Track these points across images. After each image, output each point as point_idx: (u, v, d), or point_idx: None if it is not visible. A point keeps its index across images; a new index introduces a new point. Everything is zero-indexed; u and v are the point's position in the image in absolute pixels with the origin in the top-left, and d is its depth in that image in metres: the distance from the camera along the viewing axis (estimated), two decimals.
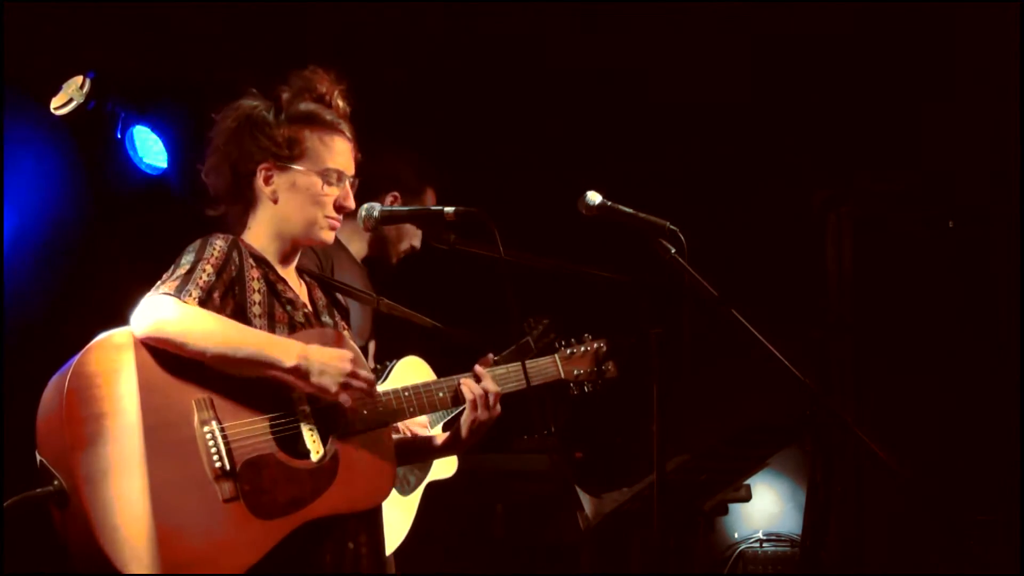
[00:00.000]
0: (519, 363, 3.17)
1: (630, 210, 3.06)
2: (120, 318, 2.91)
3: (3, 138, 4.58)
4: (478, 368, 3.15)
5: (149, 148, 5.09)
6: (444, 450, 3.29)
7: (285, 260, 3.12)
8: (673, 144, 5.69)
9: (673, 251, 3.01)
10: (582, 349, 3.41)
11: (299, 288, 3.15)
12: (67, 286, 4.93)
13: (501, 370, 3.20)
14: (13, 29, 4.50)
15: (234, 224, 3.12)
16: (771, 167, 5.57)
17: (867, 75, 5.36)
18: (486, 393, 3.11)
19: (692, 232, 3.01)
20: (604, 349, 3.40)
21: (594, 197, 3.09)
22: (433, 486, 4.10)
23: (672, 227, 3.02)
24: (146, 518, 2.68)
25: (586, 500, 4.01)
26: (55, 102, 4.73)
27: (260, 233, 3.09)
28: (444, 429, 3.42)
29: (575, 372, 3.39)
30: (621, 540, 5.14)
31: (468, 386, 3.12)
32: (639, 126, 5.65)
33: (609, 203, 3.08)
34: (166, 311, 2.81)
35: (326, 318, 3.17)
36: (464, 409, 3.16)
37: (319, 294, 3.23)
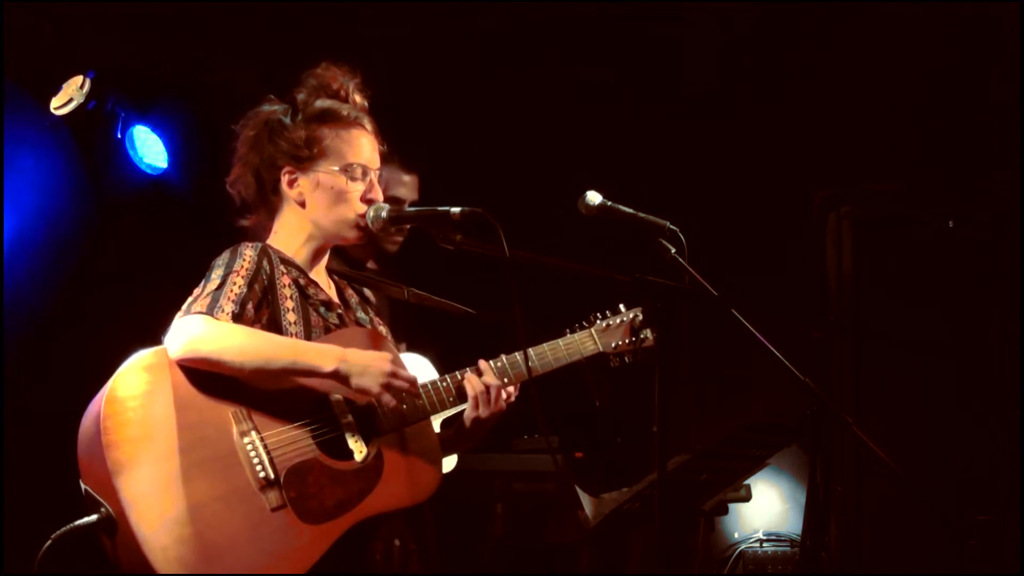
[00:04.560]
0: (553, 344, 3.14)
1: (630, 210, 3.06)
2: (118, 319, 2.91)
3: (3, 138, 4.58)
4: (481, 363, 3.10)
5: (149, 148, 5.08)
6: (447, 448, 3.24)
7: (315, 261, 3.11)
8: (673, 144, 5.69)
9: (673, 251, 3.01)
10: (618, 320, 3.28)
11: (330, 289, 3.15)
12: (67, 286, 4.93)
13: (533, 352, 3.13)
14: (13, 29, 4.50)
15: (261, 231, 3.12)
16: (771, 167, 5.57)
17: (868, 75, 5.36)
18: (487, 388, 3.06)
19: (692, 232, 3.01)
20: (640, 318, 3.27)
21: (594, 197, 3.09)
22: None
23: (672, 227, 3.02)
24: (195, 536, 2.67)
25: (586, 500, 4.00)
26: (55, 102, 4.73)
27: (289, 237, 3.09)
28: (444, 426, 3.40)
29: (613, 344, 3.26)
30: (621, 540, 5.14)
31: (470, 381, 3.07)
32: (639, 126, 5.65)
33: (609, 203, 3.08)
34: (200, 330, 2.80)
35: (361, 314, 3.17)
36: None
37: (350, 292, 3.23)
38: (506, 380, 3.11)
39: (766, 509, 5.73)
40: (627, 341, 3.26)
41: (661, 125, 5.64)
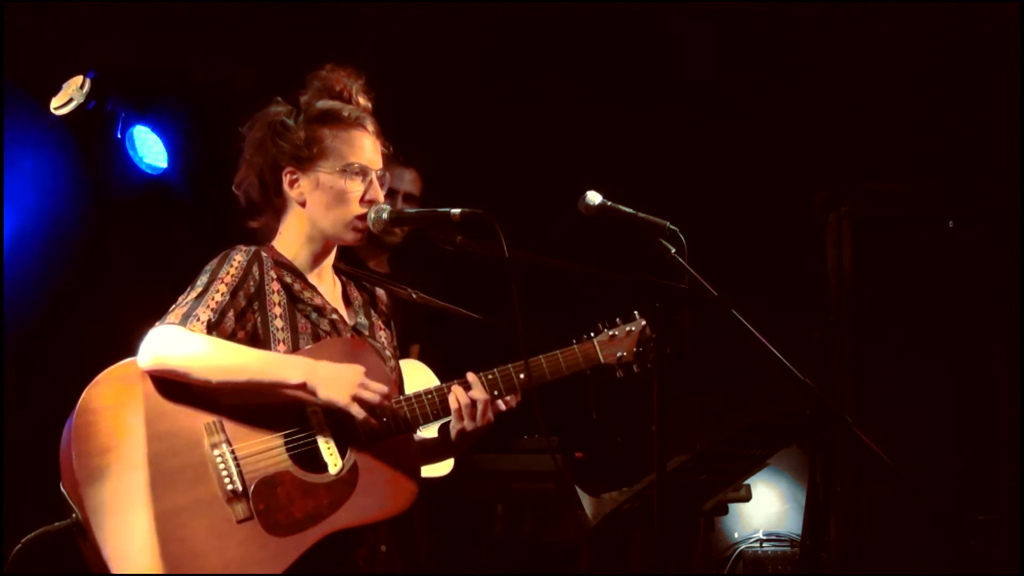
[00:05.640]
0: (551, 356, 3.09)
1: (630, 210, 3.06)
2: (118, 319, 2.91)
3: (3, 138, 4.58)
4: (470, 376, 3.06)
5: (149, 148, 5.09)
6: (431, 456, 3.23)
7: (316, 262, 3.11)
8: (673, 144, 5.68)
9: (673, 251, 3.01)
10: (627, 329, 3.17)
11: (332, 290, 3.14)
12: (67, 286, 4.93)
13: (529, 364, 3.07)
14: (13, 29, 4.50)
15: (269, 232, 3.12)
16: (771, 167, 5.57)
17: (868, 75, 5.36)
18: (473, 402, 3.02)
19: (692, 232, 3.01)
20: (648, 329, 3.16)
21: (594, 197, 3.09)
22: (432, 484, 4.09)
23: (672, 227, 3.02)
24: (157, 546, 2.69)
25: (586, 500, 4.00)
26: (55, 102, 4.73)
27: (291, 238, 3.09)
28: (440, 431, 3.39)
29: (618, 354, 3.14)
30: (621, 540, 5.14)
31: (456, 394, 3.02)
32: (639, 126, 5.65)
33: (609, 203, 3.07)
34: (168, 342, 2.82)
35: (361, 318, 3.15)
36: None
37: (356, 293, 3.21)
38: (496, 393, 3.05)
39: (766, 509, 5.74)
40: (634, 352, 3.17)
41: (661, 125, 5.64)
